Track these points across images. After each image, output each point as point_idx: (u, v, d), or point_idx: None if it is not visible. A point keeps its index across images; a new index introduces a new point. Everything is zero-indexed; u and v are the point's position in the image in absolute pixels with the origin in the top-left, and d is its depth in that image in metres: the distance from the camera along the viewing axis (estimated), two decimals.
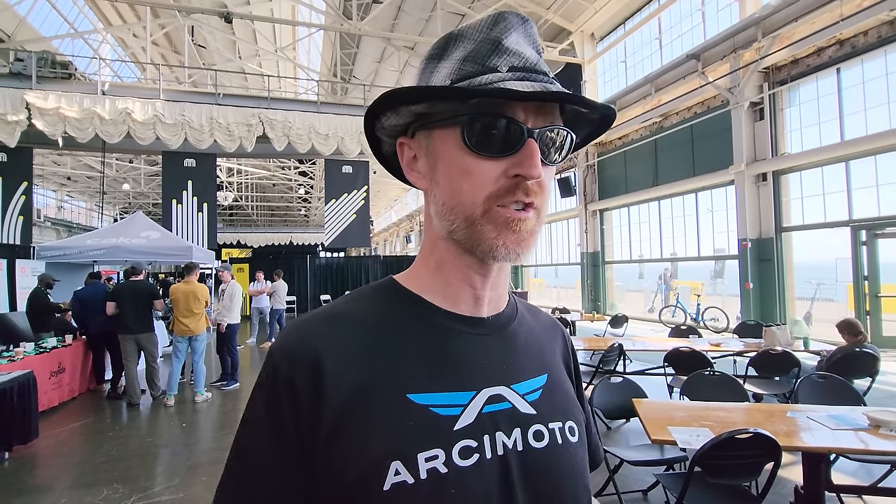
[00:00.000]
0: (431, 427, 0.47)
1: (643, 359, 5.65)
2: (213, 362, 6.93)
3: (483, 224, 0.49)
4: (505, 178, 0.48)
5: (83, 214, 26.71)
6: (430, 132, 0.53)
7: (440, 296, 0.54)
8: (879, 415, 2.30)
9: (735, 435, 1.97)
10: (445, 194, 0.51)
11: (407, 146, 0.56)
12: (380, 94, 0.51)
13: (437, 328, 0.53)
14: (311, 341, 0.49)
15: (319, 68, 18.73)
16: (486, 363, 0.53)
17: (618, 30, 12.56)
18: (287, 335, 0.51)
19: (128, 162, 19.47)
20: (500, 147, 0.48)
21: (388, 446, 0.45)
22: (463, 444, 0.47)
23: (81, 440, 4.29)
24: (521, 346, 0.57)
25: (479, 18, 0.51)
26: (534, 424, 0.52)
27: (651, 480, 3.05)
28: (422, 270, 0.57)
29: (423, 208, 0.58)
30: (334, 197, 11.78)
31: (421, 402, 0.47)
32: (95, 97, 9.40)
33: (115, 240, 7.19)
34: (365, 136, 0.59)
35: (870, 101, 7.37)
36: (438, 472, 0.45)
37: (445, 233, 0.52)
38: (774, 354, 4.03)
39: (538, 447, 0.51)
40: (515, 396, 0.52)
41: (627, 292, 13.79)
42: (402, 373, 0.49)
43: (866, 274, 7.37)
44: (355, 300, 0.56)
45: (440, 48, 0.53)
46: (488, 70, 0.49)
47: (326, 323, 0.52)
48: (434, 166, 0.53)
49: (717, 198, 10.13)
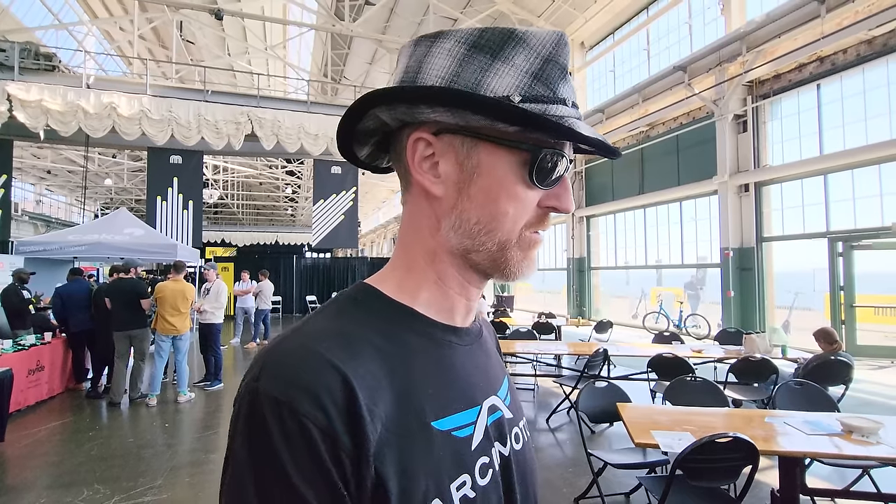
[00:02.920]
0: (455, 453, 0.46)
1: (627, 364, 5.74)
2: (196, 362, 6.84)
3: (514, 249, 0.49)
4: (538, 208, 0.50)
5: (63, 209, 26.15)
6: (475, 143, 0.48)
7: (434, 308, 0.52)
8: (853, 421, 2.39)
9: (716, 439, 2.02)
10: (482, 213, 0.48)
11: (425, 142, 0.49)
12: (435, 88, 0.46)
13: (435, 343, 0.50)
14: (335, 371, 0.40)
15: (310, 68, 18.65)
16: (477, 374, 0.53)
17: (607, 39, 12.76)
18: (296, 367, 0.40)
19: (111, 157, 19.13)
20: (550, 181, 0.49)
21: (426, 484, 0.42)
22: (480, 462, 0.47)
23: (60, 440, 4.21)
24: (489, 351, 0.59)
25: (541, 30, 0.47)
26: (513, 427, 0.55)
27: (634, 483, 3.11)
28: (410, 281, 0.52)
29: (419, 215, 0.52)
30: (322, 197, 11.73)
31: (443, 429, 0.46)
32: (80, 90, 9.23)
33: (97, 236, 7.07)
34: (363, 97, 0.48)
35: (848, 117, 7.62)
36: (468, 497, 0.45)
37: (462, 250, 0.50)
38: (754, 361, 4.13)
39: (518, 448, 0.54)
40: (500, 403, 0.54)
41: (613, 298, 13.95)
42: (421, 400, 0.45)
43: (842, 284, 7.59)
44: (349, 316, 0.48)
45: (497, 43, 0.46)
46: (559, 101, 0.46)
47: (342, 348, 0.43)
48: (470, 180, 0.48)
49: (701, 207, 10.35)
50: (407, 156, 0.50)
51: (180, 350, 5.49)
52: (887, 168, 7.15)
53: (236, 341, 9.51)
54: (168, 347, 5.45)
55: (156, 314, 5.51)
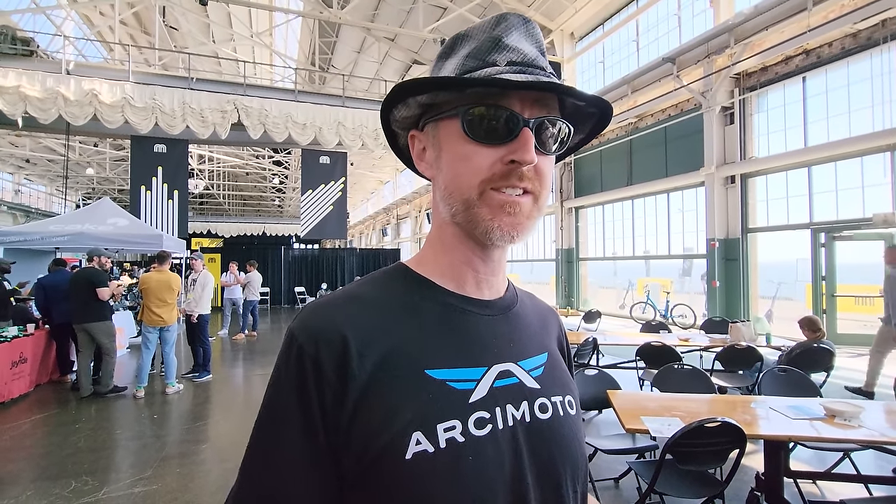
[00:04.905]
0: (448, 400, 0.50)
1: (616, 353, 5.81)
2: (184, 354, 6.77)
3: (479, 207, 0.52)
4: (501, 164, 0.52)
5: (43, 199, 25.54)
6: (437, 123, 0.56)
7: (447, 278, 0.58)
8: (834, 405, 2.45)
9: (704, 424, 2.06)
10: (447, 179, 0.55)
11: (417, 139, 0.60)
12: (392, 87, 0.55)
13: (448, 309, 0.56)
14: (334, 322, 0.51)
15: (297, 56, 18.34)
16: (494, 341, 0.56)
17: (597, 30, 12.74)
18: (309, 317, 0.53)
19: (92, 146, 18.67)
20: (497, 135, 0.51)
21: (410, 418, 0.48)
22: (477, 415, 0.50)
23: (46, 432, 4.14)
24: (524, 327, 0.62)
25: (485, 19, 0.55)
26: (539, 398, 0.56)
27: (623, 468, 3.16)
28: (430, 254, 0.60)
29: (431, 198, 0.63)
30: (311, 188, 11.61)
31: (438, 378, 0.51)
32: (59, 76, 8.97)
33: (80, 226, 6.90)
34: (382, 128, 0.64)
35: (832, 110, 7.73)
36: (456, 440, 0.48)
37: (449, 217, 0.56)
38: (739, 349, 4.21)
39: (543, 418, 0.55)
40: (522, 372, 0.57)
41: (600, 289, 14.10)
42: (420, 350, 0.52)
43: (824, 274, 7.75)
44: (369, 283, 0.58)
45: (449, 47, 0.58)
46: (488, 64, 0.52)
47: (346, 305, 0.54)
48: (439, 155, 0.56)
49: (688, 198, 10.46)
50: (412, 155, 0.61)
51: (167, 341, 5.42)
52: (869, 160, 7.29)
53: (224, 332, 9.42)
54: (155, 339, 5.38)
55: (142, 305, 5.43)
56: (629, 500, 2.95)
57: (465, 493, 0.47)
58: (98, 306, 5.22)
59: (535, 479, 0.51)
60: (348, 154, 12.09)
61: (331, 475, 0.49)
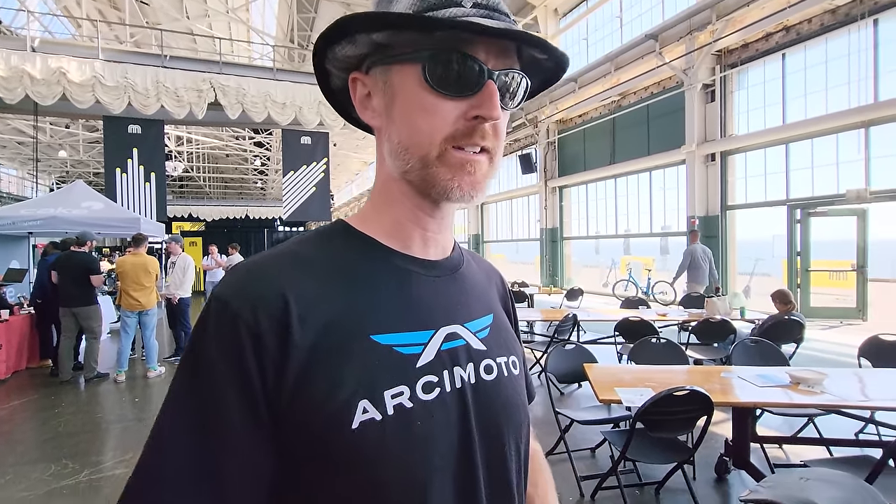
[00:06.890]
0: (395, 365, 0.48)
1: (596, 329, 5.91)
2: (166, 337, 6.71)
3: (438, 166, 0.49)
4: (464, 120, 0.48)
5: (15, 183, 24.75)
6: (388, 67, 0.50)
7: (392, 237, 0.55)
8: (799, 373, 2.55)
9: (673, 392, 2.13)
10: (402, 133, 0.50)
11: (361, 82, 0.54)
12: (336, 19, 0.48)
13: (393, 270, 0.53)
14: (272, 285, 0.46)
15: (275, 33, 17.82)
16: (441, 303, 0.55)
17: (580, 6, 12.59)
18: (243, 278, 0.47)
19: (64, 127, 18.04)
20: (461, 87, 0.47)
21: (356, 386, 0.45)
22: (425, 379, 0.49)
23: (24, 417, 4.11)
24: (470, 288, 0.60)
25: None
26: (484, 359, 0.55)
27: (599, 439, 3.25)
28: (372, 212, 0.56)
29: (376, 148, 0.56)
30: (293, 169, 11.41)
31: (384, 343, 0.48)
32: (24, 54, 8.59)
33: (52, 210, 6.70)
34: (313, 65, 0.56)
35: (810, 87, 7.81)
36: (404, 406, 0.47)
37: (399, 173, 0.52)
38: (714, 323, 4.33)
39: (488, 379, 0.54)
40: (468, 334, 0.55)
41: (584, 268, 14.26)
42: (365, 315, 0.49)
43: (799, 250, 7.94)
44: (308, 242, 0.53)
45: None
46: (451, 3, 0.46)
47: (285, 266, 0.49)
48: (391, 104, 0.51)
49: (669, 177, 10.55)
50: (353, 99, 0.55)
51: (147, 326, 5.37)
52: (844, 137, 7.41)
53: None
54: (133, 323, 5.32)
55: (119, 290, 5.34)
56: (604, 468, 3.04)
57: (415, 459, 0.46)
58: (89, 291, 5.20)
59: (481, 439, 0.51)
60: (330, 134, 11.88)
61: (272, 454, 0.45)
